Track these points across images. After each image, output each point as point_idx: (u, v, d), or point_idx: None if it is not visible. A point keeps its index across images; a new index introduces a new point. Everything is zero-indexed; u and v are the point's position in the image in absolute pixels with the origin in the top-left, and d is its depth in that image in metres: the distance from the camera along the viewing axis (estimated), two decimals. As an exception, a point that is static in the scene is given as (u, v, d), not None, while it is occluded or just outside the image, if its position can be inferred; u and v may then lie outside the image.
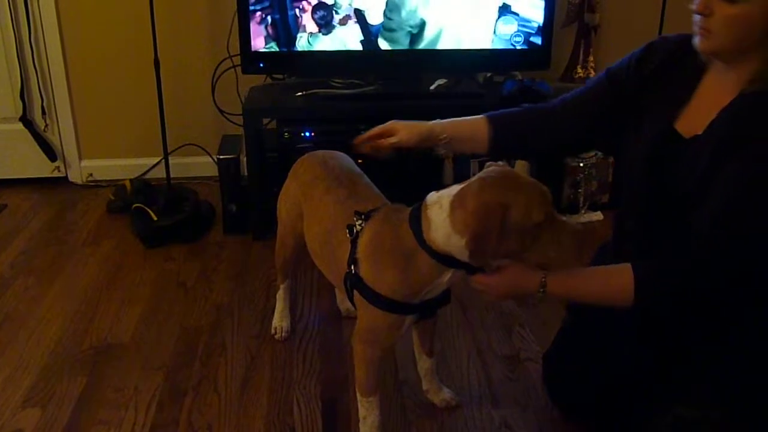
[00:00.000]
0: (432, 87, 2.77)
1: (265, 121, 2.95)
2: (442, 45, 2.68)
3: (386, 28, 2.64)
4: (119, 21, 2.99)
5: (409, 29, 2.64)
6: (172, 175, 2.88)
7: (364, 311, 1.56)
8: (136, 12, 2.81)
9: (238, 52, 2.70)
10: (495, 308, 2.26)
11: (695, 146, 1.42)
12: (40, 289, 2.38)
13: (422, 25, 2.64)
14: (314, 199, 1.76)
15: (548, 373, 1.83)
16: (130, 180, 3.03)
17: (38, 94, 3.08)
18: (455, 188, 1.44)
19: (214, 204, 2.90)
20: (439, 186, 1.50)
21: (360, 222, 1.55)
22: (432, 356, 1.82)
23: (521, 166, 2.68)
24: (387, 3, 2.61)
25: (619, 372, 1.60)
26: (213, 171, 2.95)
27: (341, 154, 1.87)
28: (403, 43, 2.66)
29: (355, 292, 1.56)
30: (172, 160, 2.89)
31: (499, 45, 2.68)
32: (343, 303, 2.18)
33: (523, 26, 2.65)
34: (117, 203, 2.94)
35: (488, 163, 1.49)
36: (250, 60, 2.66)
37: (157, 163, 3.09)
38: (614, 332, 1.58)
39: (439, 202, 1.43)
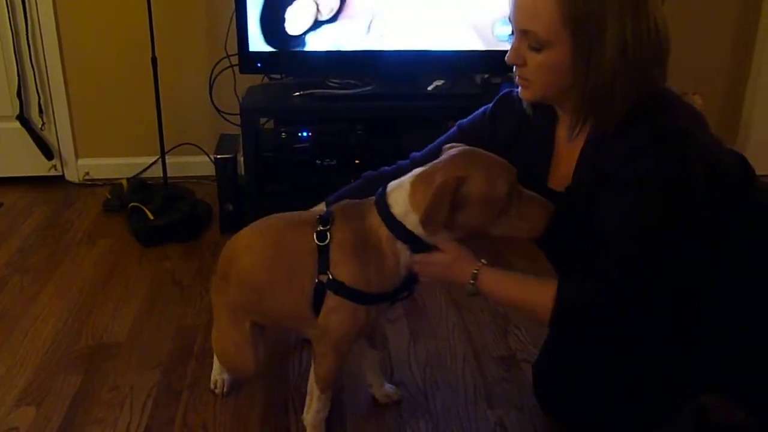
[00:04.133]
0: (429, 87, 2.78)
1: (263, 120, 2.95)
2: (437, 45, 2.68)
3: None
4: (117, 19, 2.99)
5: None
6: (168, 175, 2.88)
7: (341, 316, 1.52)
8: (133, 11, 2.81)
9: (236, 52, 2.70)
10: (491, 309, 2.26)
11: (569, 197, 1.47)
12: (36, 288, 2.37)
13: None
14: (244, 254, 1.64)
15: (538, 382, 1.82)
16: (127, 179, 3.03)
17: (35, 93, 3.08)
18: (417, 170, 1.48)
19: (210, 203, 2.90)
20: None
21: (325, 227, 1.51)
22: (377, 349, 1.82)
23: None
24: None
25: (609, 379, 1.61)
26: (210, 170, 2.95)
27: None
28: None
29: (329, 299, 1.51)
30: (169, 160, 2.90)
31: (496, 46, 2.68)
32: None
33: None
34: (113, 202, 2.94)
35: (447, 145, 1.52)
36: (248, 60, 2.66)
37: (154, 162, 3.09)
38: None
39: (400, 185, 1.48)
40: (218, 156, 2.70)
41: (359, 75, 2.79)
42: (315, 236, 1.51)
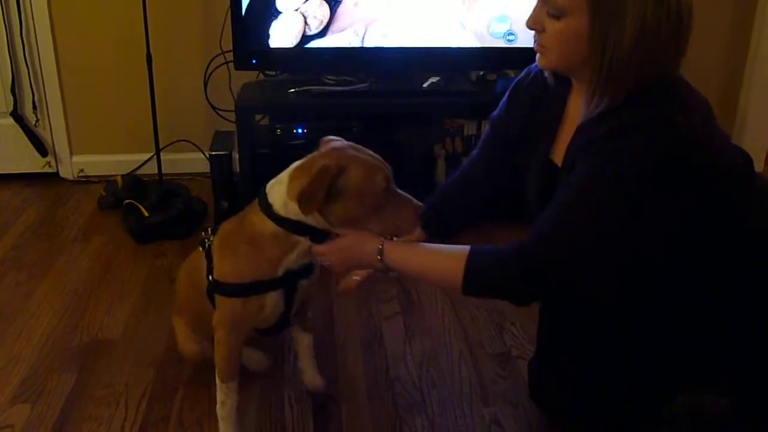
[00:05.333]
0: (425, 85, 2.77)
1: (258, 117, 2.94)
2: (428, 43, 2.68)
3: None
4: (111, 16, 2.97)
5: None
6: (163, 171, 2.87)
7: (222, 308, 1.60)
8: (128, 7, 2.80)
9: (231, 48, 2.70)
10: (486, 306, 2.27)
11: (562, 172, 1.47)
12: (31, 285, 2.37)
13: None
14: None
15: (533, 379, 1.82)
16: (122, 176, 3.02)
17: (29, 89, 3.07)
18: (295, 164, 1.53)
19: (205, 200, 2.90)
20: (432, 184, 1.52)
21: (209, 236, 1.64)
22: (309, 331, 1.84)
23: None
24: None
25: (604, 375, 1.61)
26: (205, 167, 2.94)
27: None
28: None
29: (216, 296, 1.60)
30: (163, 156, 2.89)
31: (491, 44, 2.68)
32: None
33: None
34: (108, 199, 2.93)
35: (325, 138, 1.57)
36: (243, 56, 2.65)
37: (149, 159, 3.08)
38: (595, 337, 1.59)
39: (278, 179, 1.53)
40: (213, 153, 2.70)
41: (355, 72, 2.79)
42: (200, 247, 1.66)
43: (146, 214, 2.70)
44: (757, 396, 1.50)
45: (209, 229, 1.67)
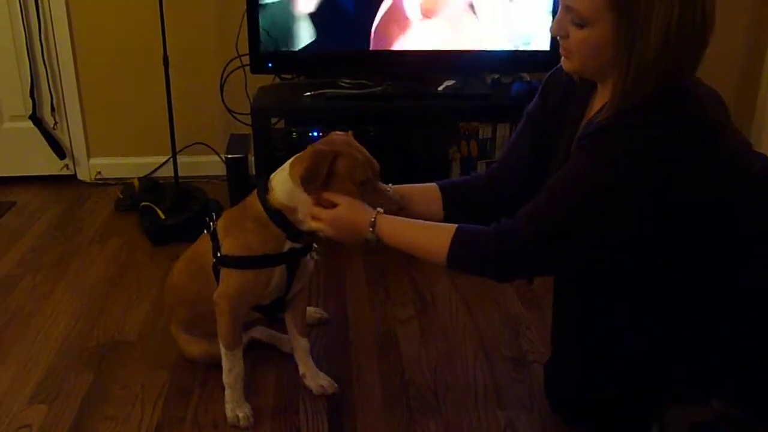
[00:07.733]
0: (440, 88, 2.77)
1: (274, 120, 2.95)
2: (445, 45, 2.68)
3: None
4: (129, 19, 3.00)
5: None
6: (180, 174, 2.89)
7: (229, 279, 1.69)
8: (145, 10, 2.82)
9: (247, 52, 2.71)
10: (501, 309, 2.26)
11: None
12: (48, 287, 2.39)
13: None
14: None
15: (549, 383, 1.81)
16: (139, 178, 3.04)
17: (48, 92, 3.10)
18: (295, 156, 1.65)
19: (222, 203, 2.90)
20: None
21: (213, 221, 1.77)
22: (305, 336, 1.88)
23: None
24: None
25: (619, 380, 1.60)
26: (221, 170, 2.95)
27: None
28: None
29: (222, 270, 1.70)
30: (180, 159, 2.90)
31: (507, 46, 2.67)
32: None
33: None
34: (125, 201, 2.95)
35: (331, 133, 1.68)
36: (259, 60, 2.66)
37: (166, 162, 3.10)
38: (610, 340, 1.58)
39: (281, 168, 1.66)
40: (229, 156, 2.71)
41: (370, 75, 2.79)
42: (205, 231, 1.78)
43: (162, 216, 2.71)
44: (760, 397, 1.49)
45: (213, 214, 1.79)
